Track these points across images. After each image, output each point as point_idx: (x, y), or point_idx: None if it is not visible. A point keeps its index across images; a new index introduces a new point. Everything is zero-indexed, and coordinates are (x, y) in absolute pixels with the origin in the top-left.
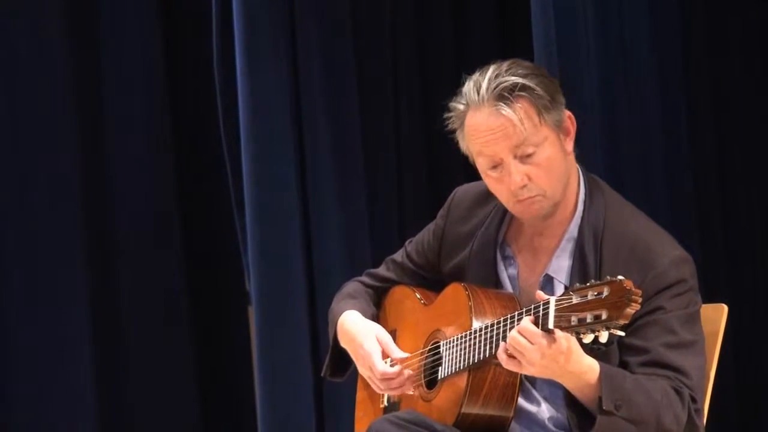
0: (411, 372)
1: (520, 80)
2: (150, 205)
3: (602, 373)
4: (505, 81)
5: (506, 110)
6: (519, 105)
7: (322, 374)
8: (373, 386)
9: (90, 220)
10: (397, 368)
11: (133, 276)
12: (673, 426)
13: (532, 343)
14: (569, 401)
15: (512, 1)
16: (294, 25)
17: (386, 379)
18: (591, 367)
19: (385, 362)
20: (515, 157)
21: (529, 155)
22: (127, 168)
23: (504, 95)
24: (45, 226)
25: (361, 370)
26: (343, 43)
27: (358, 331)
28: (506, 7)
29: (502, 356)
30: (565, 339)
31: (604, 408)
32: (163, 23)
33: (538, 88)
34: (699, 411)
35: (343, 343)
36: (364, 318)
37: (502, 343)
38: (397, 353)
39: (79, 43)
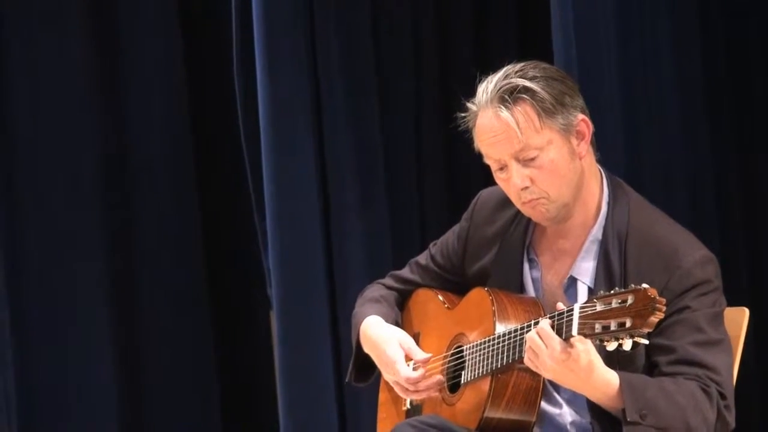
0: (438, 376)
1: (522, 83)
2: (171, 208)
3: (623, 384)
4: (508, 84)
5: (504, 113)
6: (519, 108)
7: (346, 380)
8: (397, 391)
9: (110, 223)
10: (420, 372)
11: (154, 280)
12: (702, 427)
13: (546, 346)
14: (593, 409)
15: (533, 7)
16: (314, 25)
17: (410, 383)
18: (611, 380)
19: (409, 365)
20: (517, 160)
21: (531, 159)
22: (147, 170)
23: (504, 98)
24: (65, 226)
25: (386, 376)
26: (363, 44)
27: (380, 336)
28: (527, 10)
29: (525, 354)
30: (585, 353)
31: (629, 419)
32: (183, 22)
33: (542, 92)
34: (729, 407)
35: (367, 349)
36: (386, 323)
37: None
38: (421, 355)
39: (100, 42)
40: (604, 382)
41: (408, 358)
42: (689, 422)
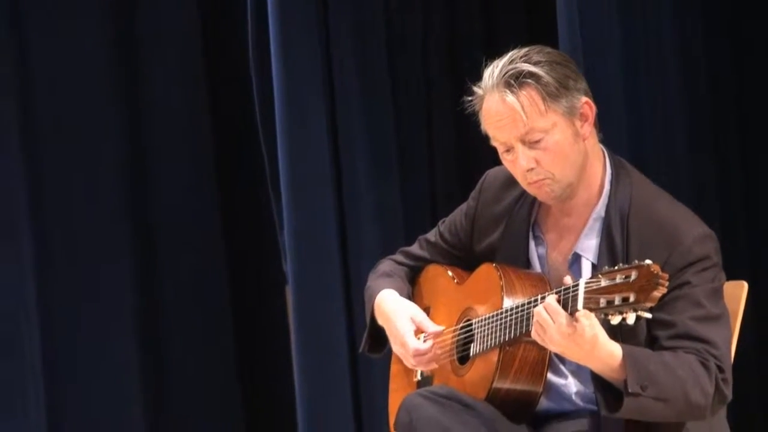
0: (442, 350)
1: (527, 67)
2: (191, 189)
3: (626, 357)
4: (513, 68)
5: (510, 97)
6: (524, 93)
7: (360, 350)
8: (405, 362)
9: (132, 207)
10: (429, 344)
11: (175, 257)
12: (701, 400)
13: (553, 321)
14: (596, 382)
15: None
16: (327, 16)
17: (418, 354)
18: (614, 352)
19: (420, 338)
20: (523, 143)
21: (536, 141)
22: (167, 155)
23: (510, 82)
24: (88, 217)
25: (394, 348)
26: (375, 22)
27: (393, 310)
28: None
29: (533, 328)
30: (590, 327)
31: (630, 390)
32: (201, 14)
33: (546, 76)
34: (726, 381)
35: (380, 321)
36: (400, 297)
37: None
38: (433, 328)
39: (119, 35)
40: (608, 355)
41: (420, 332)
42: (688, 394)
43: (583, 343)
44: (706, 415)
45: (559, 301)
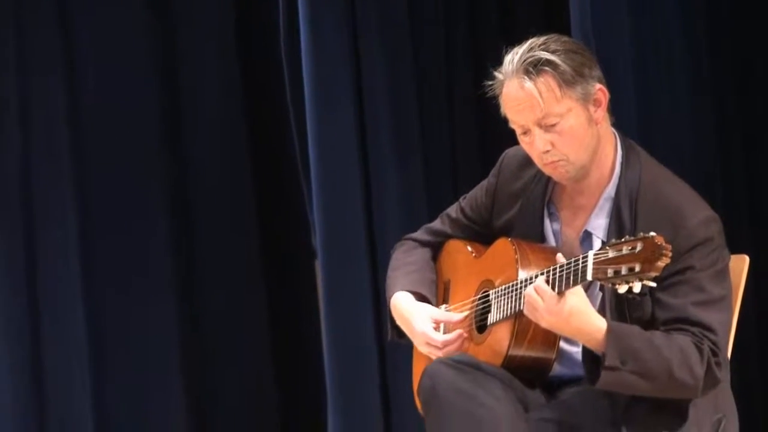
0: (466, 335)
1: (545, 55)
2: (225, 169)
3: (609, 332)
4: (532, 56)
5: (528, 84)
6: (541, 79)
7: (388, 339)
8: (432, 357)
9: (168, 187)
10: (455, 333)
11: (211, 233)
12: (688, 380)
13: (543, 300)
14: (584, 354)
15: None
16: (354, 6)
17: (447, 345)
18: (599, 327)
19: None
20: (540, 126)
21: (552, 125)
22: (203, 137)
23: (529, 69)
24: (128, 197)
25: (420, 348)
26: (399, 18)
27: (410, 313)
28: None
29: (524, 305)
30: (576, 305)
31: (607, 364)
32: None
33: (562, 64)
34: (720, 364)
35: (399, 323)
36: (415, 302)
37: (526, 294)
38: (456, 317)
39: (156, 22)
40: (595, 330)
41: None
42: (673, 373)
43: (571, 319)
44: (697, 394)
45: (570, 272)
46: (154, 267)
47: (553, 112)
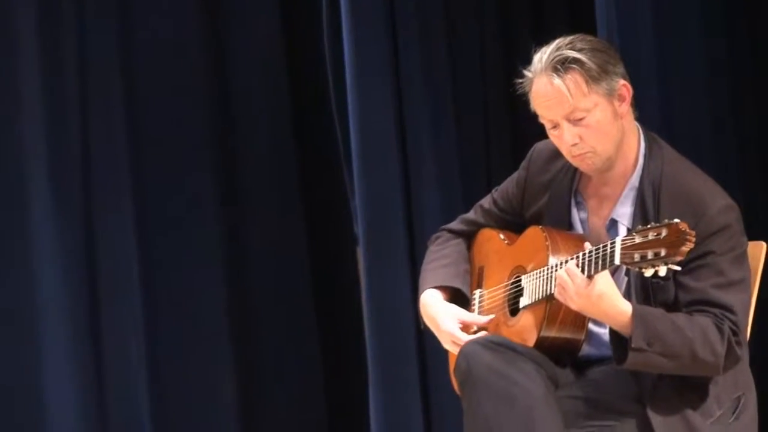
0: (494, 306)
1: (572, 54)
2: (272, 161)
3: (634, 316)
4: (560, 54)
5: (557, 80)
6: (569, 76)
7: (422, 327)
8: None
9: (220, 177)
10: (480, 335)
11: (260, 224)
12: (709, 358)
13: (573, 282)
14: (611, 335)
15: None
16: (393, 4)
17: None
18: (626, 311)
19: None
20: (568, 120)
21: (580, 119)
22: (252, 132)
23: (557, 67)
24: (182, 186)
25: (446, 346)
26: (436, 15)
27: (437, 313)
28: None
29: (555, 288)
30: (603, 288)
31: (633, 345)
32: (280, 4)
33: (588, 62)
34: (740, 343)
35: (426, 321)
36: (442, 301)
37: (557, 276)
38: (482, 321)
39: (207, 24)
40: (620, 313)
41: (468, 326)
42: (696, 352)
43: (599, 302)
44: (718, 371)
45: (599, 257)
46: (206, 252)
47: (580, 107)
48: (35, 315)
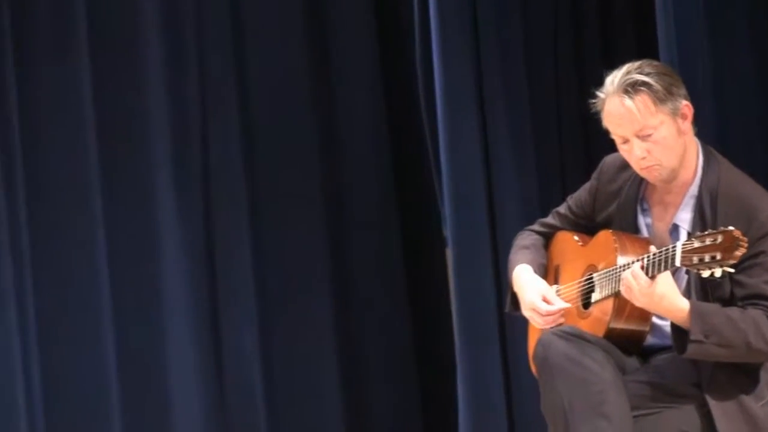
0: (569, 299)
1: (641, 77)
2: (370, 171)
3: (692, 312)
4: (630, 78)
5: (628, 101)
6: (639, 97)
7: (506, 310)
8: (533, 323)
9: (324, 183)
10: (554, 307)
11: (361, 223)
12: (762, 346)
13: (637, 283)
14: (672, 328)
15: (645, 18)
16: (478, 31)
17: (548, 314)
18: (684, 307)
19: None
20: (637, 137)
21: (648, 135)
22: (354, 148)
23: (628, 89)
24: (291, 190)
25: (525, 312)
26: (516, 42)
27: (525, 282)
28: (643, 21)
29: (622, 287)
30: (664, 288)
31: (692, 338)
32: (377, 23)
33: (656, 84)
34: None
35: (515, 290)
36: (532, 274)
37: (623, 278)
38: (559, 304)
39: (312, 47)
40: (679, 309)
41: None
42: (750, 343)
43: (660, 300)
44: None
45: (661, 260)
46: (313, 253)
47: (648, 124)
48: (162, 314)
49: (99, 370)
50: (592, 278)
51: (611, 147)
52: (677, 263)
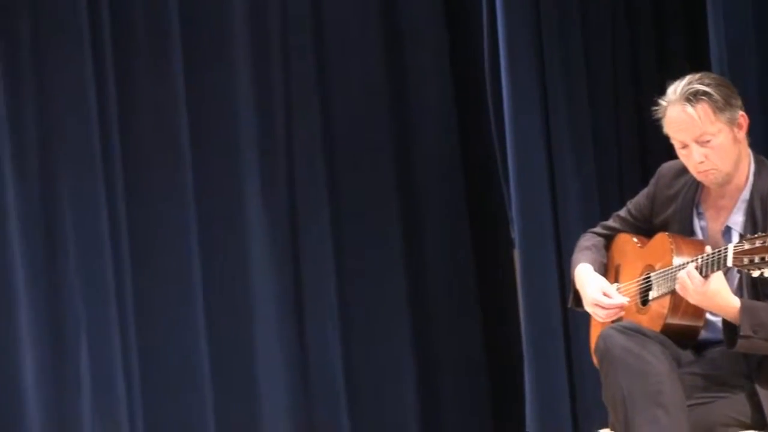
0: (628, 296)
1: (702, 88)
2: (443, 177)
3: (742, 309)
4: (692, 87)
5: (689, 109)
6: (700, 106)
7: (568, 305)
8: (595, 317)
9: (401, 192)
10: (615, 301)
11: (435, 227)
12: None
13: (692, 282)
14: (724, 324)
15: (699, 29)
16: (543, 47)
17: (608, 308)
18: (734, 305)
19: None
20: (696, 142)
21: (707, 141)
22: (425, 151)
23: (689, 98)
24: (368, 197)
25: (587, 308)
26: (577, 59)
27: (588, 280)
28: (697, 33)
29: (677, 286)
30: (716, 287)
31: (741, 333)
32: (449, 34)
33: (715, 94)
34: None
35: (578, 287)
36: (593, 272)
37: (679, 277)
38: (618, 299)
39: (389, 58)
40: (731, 307)
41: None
42: None
43: (713, 298)
44: None
45: (714, 260)
46: (388, 253)
47: (708, 131)
48: (250, 306)
49: (191, 359)
50: (649, 277)
51: (665, 155)
52: (729, 264)
